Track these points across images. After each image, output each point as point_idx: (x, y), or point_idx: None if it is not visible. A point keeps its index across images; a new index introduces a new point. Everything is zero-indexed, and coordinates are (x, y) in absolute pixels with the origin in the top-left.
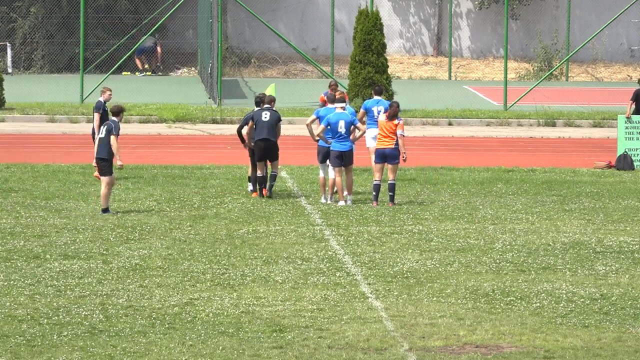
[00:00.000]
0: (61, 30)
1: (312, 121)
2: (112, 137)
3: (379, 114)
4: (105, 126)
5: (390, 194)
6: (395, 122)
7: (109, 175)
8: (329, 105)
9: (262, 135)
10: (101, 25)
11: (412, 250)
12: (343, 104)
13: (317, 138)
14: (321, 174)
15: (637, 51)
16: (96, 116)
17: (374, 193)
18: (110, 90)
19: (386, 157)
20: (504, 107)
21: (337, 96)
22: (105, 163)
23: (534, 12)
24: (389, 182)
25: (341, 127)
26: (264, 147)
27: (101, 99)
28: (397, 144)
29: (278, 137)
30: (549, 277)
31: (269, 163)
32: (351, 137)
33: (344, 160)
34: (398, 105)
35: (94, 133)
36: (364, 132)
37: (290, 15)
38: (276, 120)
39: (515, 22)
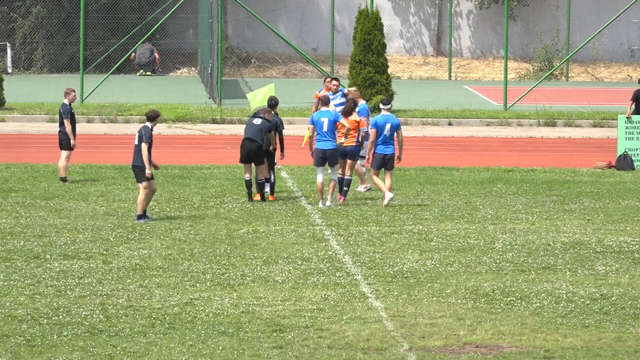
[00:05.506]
0: (61, 30)
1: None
2: (143, 145)
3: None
4: (137, 133)
5: (345, 189)
6: (358, 118)
7: (144, 182)
8: (322, 108)
9: (247, 134)
10: (101, 25)
11: (412, 250)
12: (389, 105)
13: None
14: (319, 179)
15: (637, 51)
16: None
17: (345, 188)
18: (74, 91)
19: (346, 154)
20: (504, 107)
21: (348, 96)
22: (139, 169)
23: (534, 12)
24: (346, 177)
25: (387, 130)
26: (249, 147)
27: (66, 101)
28: (358, 141)
29: (269, 145)
30: (549, 277)
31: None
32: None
33: (386, 162)
34: (354, 102)
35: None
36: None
37: (290, 15)
38: (267, 128)
39: (515, 22)
